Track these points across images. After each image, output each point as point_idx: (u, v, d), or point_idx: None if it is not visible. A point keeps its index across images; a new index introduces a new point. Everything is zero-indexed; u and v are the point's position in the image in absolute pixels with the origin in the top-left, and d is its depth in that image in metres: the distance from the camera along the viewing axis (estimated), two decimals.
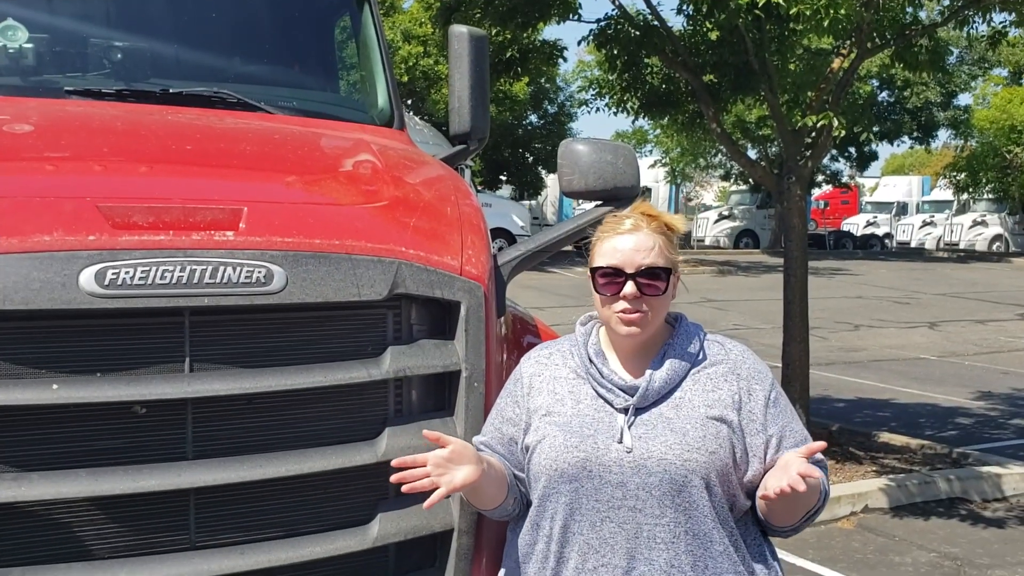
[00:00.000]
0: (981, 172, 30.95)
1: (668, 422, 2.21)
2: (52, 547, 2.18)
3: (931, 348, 14.75)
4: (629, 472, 2.17)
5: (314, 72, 3.93)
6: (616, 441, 2.19)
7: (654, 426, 2.20)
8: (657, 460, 2.16)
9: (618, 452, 2.18)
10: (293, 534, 2.36)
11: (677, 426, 2.20)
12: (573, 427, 2.24)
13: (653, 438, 2.19)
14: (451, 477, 2.14)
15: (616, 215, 2.35)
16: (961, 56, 33.20)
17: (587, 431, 2.22)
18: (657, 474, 2.16)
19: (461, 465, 2.16)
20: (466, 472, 2.16)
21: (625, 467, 2.17)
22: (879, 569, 5.93)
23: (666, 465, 2.16)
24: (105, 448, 2.20)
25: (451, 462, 2.15)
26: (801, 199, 8.12)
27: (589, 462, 2.19)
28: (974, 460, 8.03)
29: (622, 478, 2.17)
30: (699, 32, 8.26)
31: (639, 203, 2.37)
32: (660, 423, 2.21)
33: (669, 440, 2.18)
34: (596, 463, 2.19)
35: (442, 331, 2.54)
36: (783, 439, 2.26)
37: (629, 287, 2.21)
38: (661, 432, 2.19)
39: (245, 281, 2.24)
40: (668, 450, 2.17)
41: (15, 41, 3.20)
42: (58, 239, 2.14)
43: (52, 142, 2.72)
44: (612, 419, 2.23)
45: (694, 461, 2.16)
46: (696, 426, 2.20)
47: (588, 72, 24.25)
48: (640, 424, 2.21)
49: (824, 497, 2.25)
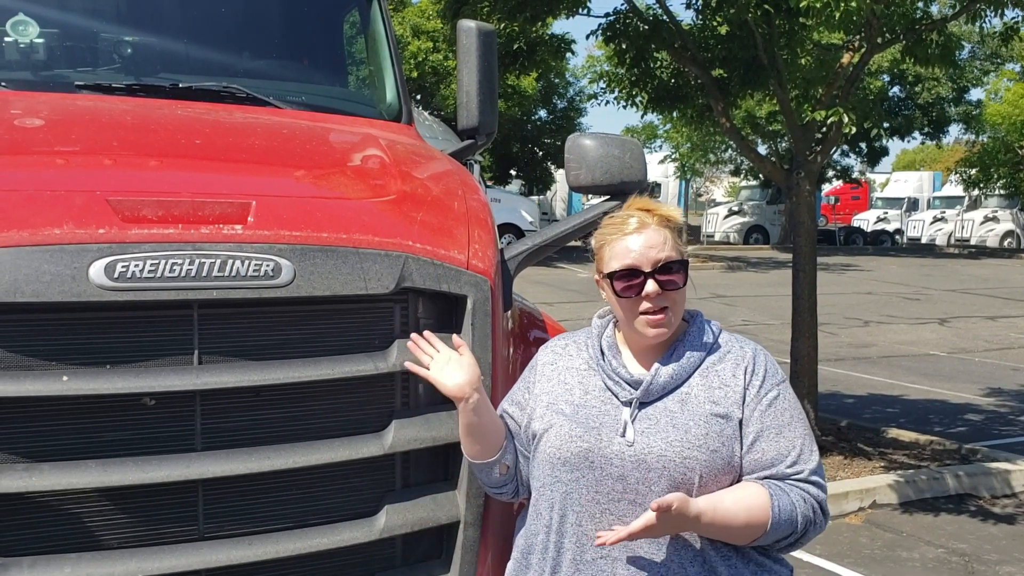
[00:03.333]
0: (993, 168, 30.75)
1: (672, 417, 2.20)
2: (62, 537, 2.20)
3: (941, 344, 14.70)
4: (630, 466, 2.17)
5: (323, 67, 3.94)
6: (619, 435, 2.20)
7: (657, 421, 2.20)
8: (657, 456, 2.16)
9: (620, 445, 2.19)
10: (300, 525, 2.38)
11: (680, 422, 2.19)
12: (579, 417, 2.25)
13: (655, 433, 2.18)
14: (444, 376, 2.31)
15: (616, 215, 2.33)
16: (973, 51, 33.00)
17: (592, 422, 2.23)
18: (656, 470, 2.16)
19: (462, 373, 2.30)
20: (460, 380, 2.30)
21: (626, 461, 2.18)
22: (887, 565, 5.93)
23: (665, 462, 2.15)
24: (114, 439, 2.22)
25: (457, 365, 2.31)
26: (811, 194, 8.10)
27: (591, 453, 2.20)
28: (983, 456, 8.01)
29: (623, 471, 2.17)
30: (708, 26, 8.25)
31: (634, 199, 2.35)
32: (664, 418, 2.20)
33: (671, 436, 2.17)
34: (598, 455, 2.19)
35: (449, 325, 2.55)
36: (759, 439, 2.20)
37: (650, 285, 2.20)
38: (664, 428, 2.19)
39: (253, 274, 2.25)
40: (668, 447, 2.16)
41: (26, 36, 3.22)
42: (68, 232, 2.16)
43: (62, 136, 2.74)
44: (617, 412, 2.23)
45: (693, 459, 2.15)
46: (699, 423, 2.19)
47: (598, 67, 24.21)
48: (644, 418, 2.21)
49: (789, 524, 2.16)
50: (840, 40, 9.12)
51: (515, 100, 27.73)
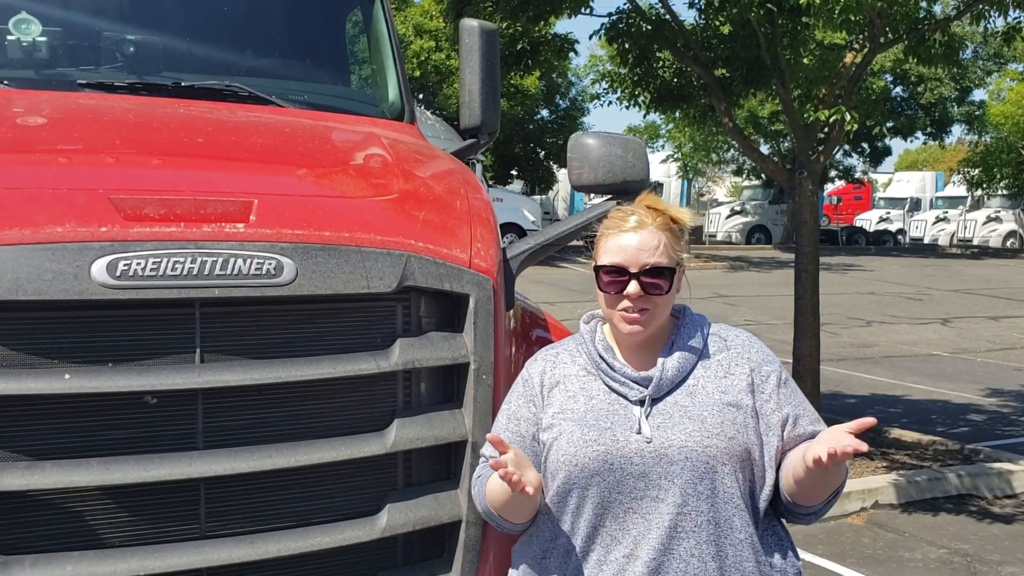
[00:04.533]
0: (995, 168, 30.70)
1: (684, 410, 2.21)
2: (64, 536, 2.20)
3: (943, 344, 14.68)
4: (651, 462, 2.17)
5: (325, 66, 3.94)
6: (635, 432, 2.19)
7: (671, 415, 2.20)
8: (678, 448, 2.16)
9: (638, 443, 2.18)
10: (302, 524, 2.38)
11: (694, 413, 2.20)
12: (589, 421, 2.22)
13: (671, 427, 2.18)
14: (528, 476, 2.10)
15: (622, 209, 2.32)
16: (976, 51, 32.95)
17: (604, 424, 2.21)
18: (679, 463, 2.16)
19: (528, 468, 2.14)
20: (535, 472, 2.15)
21: (646, 457, 2.17)
22: (888, 565, 5.92)
23: (687, 453, 2.16)
24: (116, 438, 2.22)
25: (519, 465, 2.11)
26: (813, 194, 8.09)
27: (610, 455, 2.18)
28: (985, 456, 8.00)
29: (643, 469, 2.17)
30: (711, 26, 8.25)
31: (645, 195, 2.34)
32: (676, 411, 2.21)
33: (688, 428, 2.18)
34: (617, 455, 2.18)
35: (451, 324, 2.55)
36: (799, 417, 2.27)
37: (633, 287, 2.20)
38: (679, 420, 2.19)
39: (255, 273, 2.25)
40: (688, 438, 2.17)
41: (28, 34, 3.22)
42: (70, 230, 2.16)
43: (65, 135, 2.74)
44: (628, 411, 2.22)
45: (714, 447, 2.16)
46: (713, 412, 2.20)
47: (600, 66, 24.21)
48: (657, 414, 2.21)
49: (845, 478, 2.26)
50: (843, 40, 9.12)
51: (517, 100, 27.73)
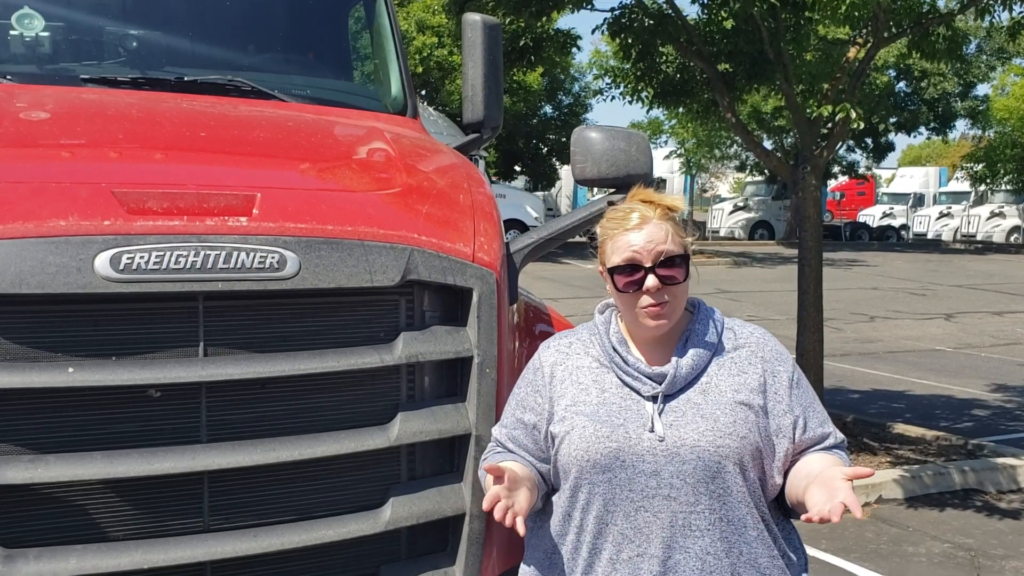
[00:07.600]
0: (999, 163, 30.67)
1: (697, 408, 2.20)
2: (67, 529, 2.20)
3: (947, 340, 14.66)
4: (663, 460, 2.16)
5: (328, 60, 3.94)
6: (647, 430, 2.18)
7: (683, 413, 2.20)
8: (690, 447, 2.16)
9: (650, 441, 2.17)
10: (306, 518, 2.38)
11: (707, 412, 2.19)
12: (601, 416, 2.22)
13: (684, 425, 2.18)
14: (517, 505, 2.10)
15: (619, 208, 2.31)
16: (980, 46, 32.87)
17: (616, 420, 2.20)
18: (691, 461, 2.15)
19: (519, 490, 2.15)
20: (524, 495, 2.15)
21: (659, 456, 2.16)
22: (892, 560, 5.92)
23: (699, 452, 2.15)
24: (120, 431, 2.22)
25: (511, 490, 2.12)
26: (816, 189, 8.08)
27: (622, 452, 2.17)
28: (989, 451, 8.00)
29: (656, 467, 2.16)
30: (714, 21, 8.22)
31: (636, 191, 2.33)
32: (689, 409, 2.20)
33: (700, 427, 2.17)
34: (629, 453, 2.17)
35: (454, 317, 2.55)
36: (808, 420, 2.28)
37: (651, 280, 2.19)
38: (692, 419, 2.18)
39: (258, 266, 2.25)
40: (700, 436, 2.16)
41: (32, 29, 3.22)
42: (73, 224, 2.16)
43: (68, 129, 2.74)
44: (640, 407, 2.21)
45: (727, 447, 2.16)
46: (725, 411, 2.19)
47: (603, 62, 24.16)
48: (669, 411, 2.20)
49: None
50: (846, 35, 9.09)
51: (520, 96, 27.71)
